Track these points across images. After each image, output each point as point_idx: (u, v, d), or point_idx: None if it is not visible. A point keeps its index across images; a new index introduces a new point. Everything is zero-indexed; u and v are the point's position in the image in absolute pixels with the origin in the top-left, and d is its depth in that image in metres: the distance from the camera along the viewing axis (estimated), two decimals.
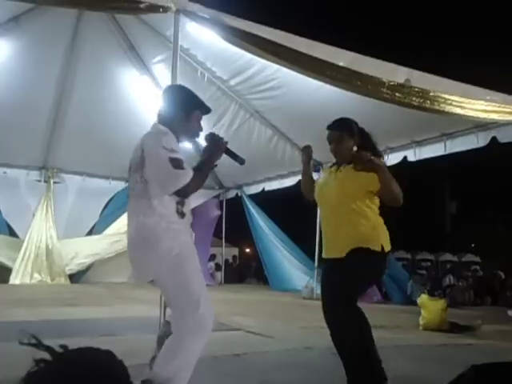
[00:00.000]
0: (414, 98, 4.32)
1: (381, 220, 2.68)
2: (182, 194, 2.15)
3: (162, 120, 2.31)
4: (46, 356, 0.85)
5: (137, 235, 2.18)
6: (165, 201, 2.14)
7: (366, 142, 2.73)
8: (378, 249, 2.53)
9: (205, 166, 2.26)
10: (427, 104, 4.37)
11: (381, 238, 2.58)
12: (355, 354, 2.46)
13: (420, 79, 4.86)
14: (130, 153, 2.29)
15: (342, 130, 2.72)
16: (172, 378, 2.01)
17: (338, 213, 2.65)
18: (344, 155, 2.70)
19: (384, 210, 2.82)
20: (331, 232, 2.69)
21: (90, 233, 11.36)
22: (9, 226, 10.68)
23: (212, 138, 2.29)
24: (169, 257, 2.10)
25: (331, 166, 2.86)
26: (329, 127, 2.77)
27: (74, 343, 0.88)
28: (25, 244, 10.40)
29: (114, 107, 8.93)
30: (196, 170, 2.19)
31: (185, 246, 2.19)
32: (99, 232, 11.35)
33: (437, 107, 4.41)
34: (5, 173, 10.49)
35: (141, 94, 8.98)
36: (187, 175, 2.10)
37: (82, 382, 0.77)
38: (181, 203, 2.20)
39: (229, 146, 2.34)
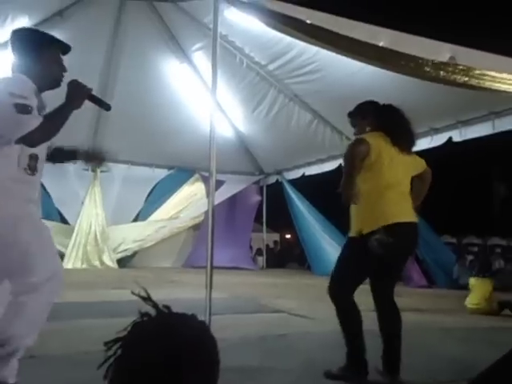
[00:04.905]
0: (458, 77, 4.17)
1: (373, 197, 2.53)
2: (29, 141, 1.96)
3: (16, 70, 2.11)
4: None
5: None
6: (11, 152, 1.98)
7: (385, 119, 2.66)
8: (357, 235, 2.56)
9: (59, 112, 2.08)
10: (473, 82, 4.21)
11: (361, 221, 2.56)
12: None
13: (465, 57, 4.68)
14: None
15: (351, 115, 2.81)
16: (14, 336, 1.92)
17: None
18: None
19: (429, 194, 2.79)
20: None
21: (135, 219, 11.74)
22: (60, 214, 11.20)
23: (73, 85, 2.13)
24: None
25: None
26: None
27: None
28: (75, 230, 10.89)
29: (156, 96, 9.11)
30: (48, 116, 2.04)
31: (18, 209, 2.01)
32: (144, 218, 11.72)
33: (483, 85, 4.23)
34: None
35: (181, 82, 9.13)
36: (33, 120, 1.93)
37: (176, 342, 0.82)
38: (34, 158, 2.05)
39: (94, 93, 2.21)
